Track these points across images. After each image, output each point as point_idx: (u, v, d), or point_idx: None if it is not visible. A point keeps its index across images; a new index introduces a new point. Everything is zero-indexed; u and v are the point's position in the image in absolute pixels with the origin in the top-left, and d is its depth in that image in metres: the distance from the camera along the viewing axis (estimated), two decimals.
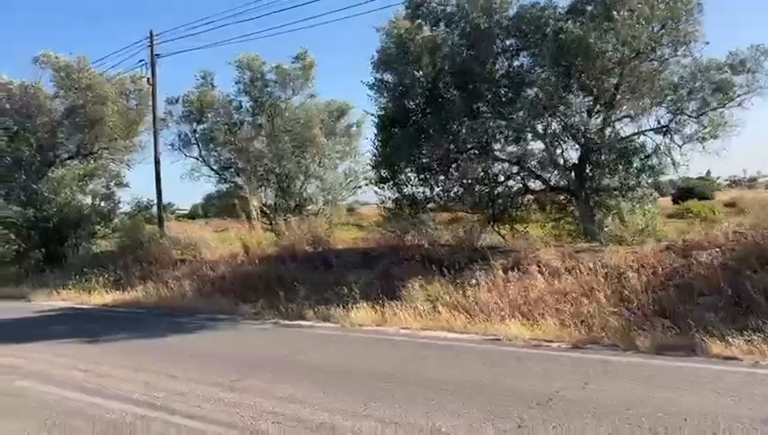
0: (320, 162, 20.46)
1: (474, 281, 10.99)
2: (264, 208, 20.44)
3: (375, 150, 14.96)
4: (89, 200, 22.75)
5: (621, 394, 5.59)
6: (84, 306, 15.16)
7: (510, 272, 11.14)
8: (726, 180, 73.01)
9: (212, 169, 20.80)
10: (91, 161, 22.46)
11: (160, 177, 22.48)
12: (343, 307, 11.13)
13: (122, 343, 9.71)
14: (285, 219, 17.41)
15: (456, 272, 11.57)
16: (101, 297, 15.81)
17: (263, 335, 10.10)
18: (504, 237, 14.73)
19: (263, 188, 18.90)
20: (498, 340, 8.58)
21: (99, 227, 22.55)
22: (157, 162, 22.26)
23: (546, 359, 7.33)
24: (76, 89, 20.84)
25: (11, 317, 13.62)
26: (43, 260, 21.89)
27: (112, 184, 22.82)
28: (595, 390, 5.78)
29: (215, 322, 11.55)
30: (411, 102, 14.00)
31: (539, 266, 10.91)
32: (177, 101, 20.51)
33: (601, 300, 9.39)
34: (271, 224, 20.17)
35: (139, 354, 8.63)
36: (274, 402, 5.86)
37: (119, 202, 22.82)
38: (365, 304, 11.03)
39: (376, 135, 14.96)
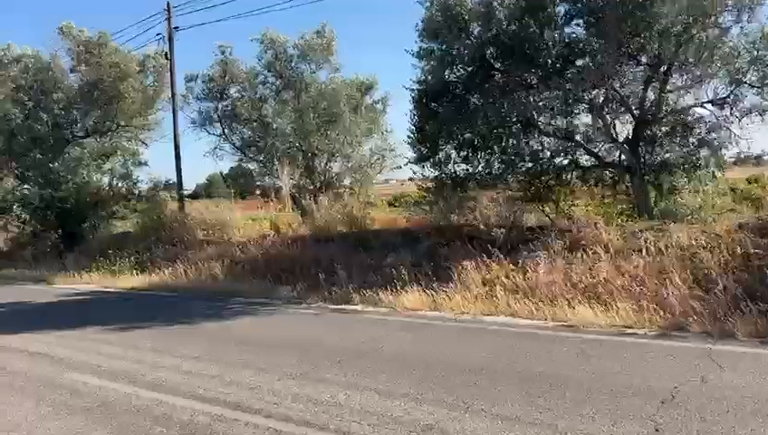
0: (346, 139, 19.76)
1: (533, 262, 10.39)
2: (291, 188, 19.88)
3: (413, 127, 14.30)
4: (106, 180, 22.21)
5: (755, 390, 5.02)
6: (111, 290, 14.68)
7: (570, 252, 10.56)
8: (731, 158, 71.58)
9: (235, 147, 20.17)
10: (108, 139, 21.84)
11: (180, 155, 21.97)
12: (391, 291, 10.56)
13: (164, 330, 9.19)
14: (315, 199, 16.85)
15: (508, 253, 10.99)
16: (128, 280, 15.32)
17: (312, 321, 9.55)
18: (548, 216, 14.13)
19: (288, 166, 18.24)
20: (571, 326, 8.01)
21: (117, 207, 22.01)
22: (176, 140, 21.74)
23: (637, 348, 6.75)
24: (96, 64, 20.13)
25: (38, 301, 13.17)
26: (61, 242, 21.41)
27: (129, 163, 22.21)
28: (719, 385, 5.21)
29: (255, 306, 11.03)
30: (453, 75, 13.32)
31: (603, 247, 10.33)
32: (196, 78, 19.81)
33: (677, 282, 8.79)
34: (296, 204, 19.65)
35: (187, 342, 8.12)
36: (359, 398, 5.33)
37: (137, 182, 22.26)
38: (414, 287, 10.46)
39: (413, 110, 14.30)
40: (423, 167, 14.16)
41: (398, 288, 10.49)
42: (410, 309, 9.77)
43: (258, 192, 21.69)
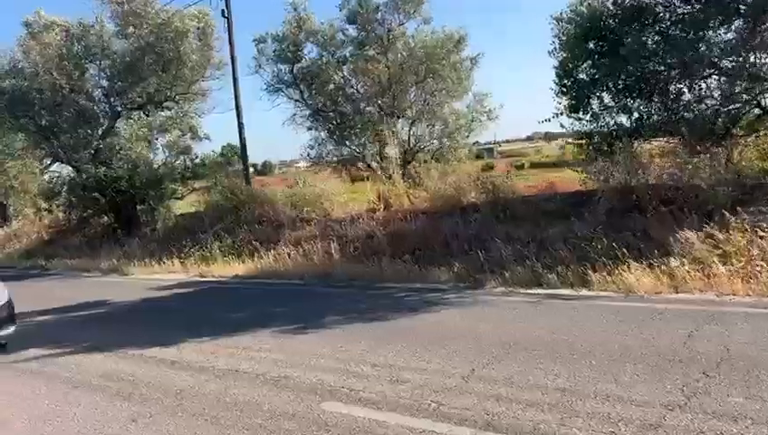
0: (436, 99, 17.83)
1: None
2: (378, 156, 18.04)
3: (560, 71, 12.37)
4: (161, 157, 20.22)
5: None
6: (214, 279, 12.86)
7: None
8: None
9: (312, 112, 18.14)
10: (164, 111, 19.83)
11: (243, 126, 20.01)
12: (595, 270, 8.72)
13: (357, 332, 7.32)
14: (426, 166, 14.98)
15: (724, 217, 9.10)
16: (226, 267, 13.47)
17: (536, 313, 7.60)
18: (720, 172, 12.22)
19: (388, 133, 16.28)
20: None
21: (175, 186, 20.06)
22: (238, 110, 19.81)
23: None
24: (145, 26, 18.03)
25: (140, 297, 11.35)
26: (118, 227, 19.49)
27: (188, 137, 20.17)
28: None
29: (424, 294, 9.21)
30: (622, 5, 11.35)
31: None
32: (266, 39, 17.66)
33: None
34: (382, 173, 17.84)
35: (414, 348, 6.26)
36: None
37: (196, 158, 20.23)
38: (634, 264, 8.58)
39: (560, 51, 12.36)
40: (580, 119, 12.24)
41: (615, 267, 8.63)
42: (651, 293, 7.90)
43: (334, 163, 19.71)
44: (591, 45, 12.01)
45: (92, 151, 19.01)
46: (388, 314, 8.04)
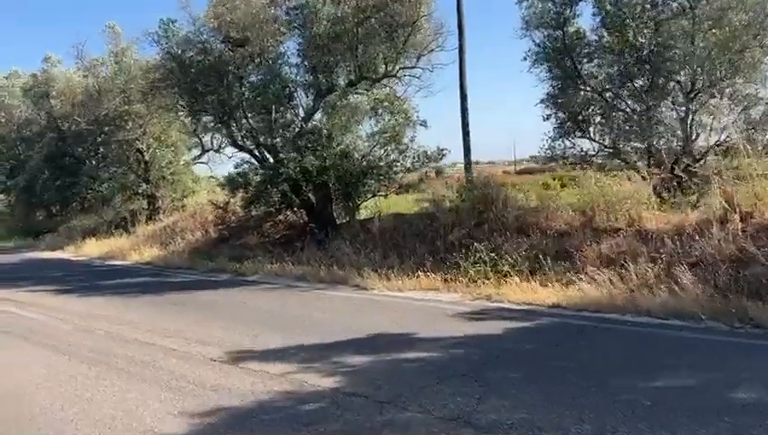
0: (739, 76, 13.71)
1: None
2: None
3: None
4: (366, 144, 17.06)
5: None
6: (521, 308, 9.31)
7: None
8: None
9: (587, 87, 14.36)
10: (375, 90, 16.73)
11: (467, 112, 16.83)
12: None
13: None
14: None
15: None
16: (529, 292, 9.91)
17: None
18: None
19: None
20: None
21: (386, 180, 16.92)
22: (462, 91, 16.62)
23: None
24: None
25: (456, 334, 7.97)
26: (318, 227, 16.51)
27: (400, 122, 16.90)
28: None
29: None
30: None
31: None
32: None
33: None
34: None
35: None
36: None
37: (407, 149, 16.90)
38: None
39: None
40: None
41: None
42: None
43: (573, 160, 15.82)
44: None
45: (292, 137, 16.18)
46: None
